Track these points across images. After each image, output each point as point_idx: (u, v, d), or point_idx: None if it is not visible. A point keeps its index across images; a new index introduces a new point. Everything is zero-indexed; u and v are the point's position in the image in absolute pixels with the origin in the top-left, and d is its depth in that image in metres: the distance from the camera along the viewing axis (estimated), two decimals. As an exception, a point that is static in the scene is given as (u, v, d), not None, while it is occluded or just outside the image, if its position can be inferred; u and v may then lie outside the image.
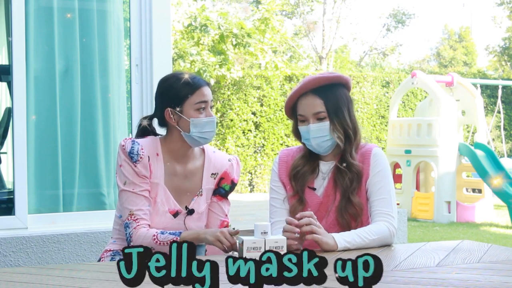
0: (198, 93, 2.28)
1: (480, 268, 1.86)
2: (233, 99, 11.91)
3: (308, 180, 2.34)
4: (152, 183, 2.29)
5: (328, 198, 2.31)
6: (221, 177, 2.41)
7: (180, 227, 2.31)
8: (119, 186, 2.28)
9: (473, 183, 9.91)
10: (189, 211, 2.34)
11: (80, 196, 3.85)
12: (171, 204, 2.31)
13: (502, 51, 24.10)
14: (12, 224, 3.59)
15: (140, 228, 2.21)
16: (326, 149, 2.31)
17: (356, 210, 2.28)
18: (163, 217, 2.29)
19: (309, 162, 2.35)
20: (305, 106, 2.30)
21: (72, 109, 3.84)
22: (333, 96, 2.31)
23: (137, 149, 2.26)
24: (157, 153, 2.31)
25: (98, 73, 3.92)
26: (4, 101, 6.56)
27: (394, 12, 25.11)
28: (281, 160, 2.41)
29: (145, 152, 2.27)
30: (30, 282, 1.66)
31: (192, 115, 2.27)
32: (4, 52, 6.37)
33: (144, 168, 2.26)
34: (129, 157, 2.25)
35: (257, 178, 12.05)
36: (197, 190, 2.37)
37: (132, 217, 2.22)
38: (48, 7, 3.80)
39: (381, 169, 2.30)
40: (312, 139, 2.28)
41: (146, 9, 3.92)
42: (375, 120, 13.28)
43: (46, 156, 3.78)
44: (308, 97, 2.30)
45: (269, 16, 12.05)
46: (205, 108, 2.28)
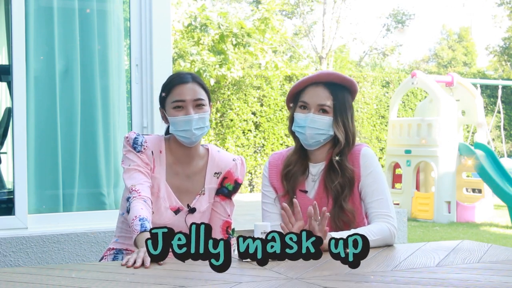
0: (174, 92, 2.27)
1: (480, 268, 1.86)
2: (233, 99, 11.91)
3: (299, 182, 2.33)
4: (155, 177, 2.30)
5: (320, 201, 2.29)
6: (224, 176, 2.40)
7: (181, 224, 2.31)
8: (124, 168, 2.29)
9: (473, 183, 9.92)
10: (191, 210, 2.33)
11: (80, 196, 3.85)
12: (172, 201, 2.31)
13: (502, 51, 24.10)
14: (12, 224, 3.59)
15: (139, 199, 2.17)
16: (314, 143, 2.29)
17: (349, 217, 2.26)
18: (164, 213, 2.29)
19: (300, 161, 2.34)
20: (313, 95, 2.29)
21: (72, 109, 3.83)
22: (342, 96, 2.32)
23: (141, 140, 2.29)
24: (160, 151, 2.32)
25: (98, 73, 3.91)
26: (4, 101, 6.57)
27: (394, 12, 25.10)
28: (271, 164, 2.41)
29: (149, 145, 2.29)
30: (30, 282, 1.66)
31: (171, 114, 2.27)
32: (4, 52, 6.37)
33: (147, 158, 2.28)
34: (132, 147, 2.28)
35: (257, 178, 12.05)
36: (200, 189, 2.37)
37: (134, 188, 2.21)
38: (48, 7, 3.80)
39: (372, 170, 2.29)
40: (308, 127, 2.26)
41: (146, 9, 3.92)
42: (375, 120, 13.27)
43: (46, 156, 3.78)
44: (319, 87, 2.30)
45: (269, 16, 12.05)
46: (184, 107, 2.26)
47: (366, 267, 1.85)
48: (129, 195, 2.21)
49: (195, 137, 2.27)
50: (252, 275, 1.76)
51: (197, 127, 2.26)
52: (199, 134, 2.28)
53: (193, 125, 2.25)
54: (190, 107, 2.26)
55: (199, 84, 2.31)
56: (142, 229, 2.04)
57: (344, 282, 1.66)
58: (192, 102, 2.26)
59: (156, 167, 2.30)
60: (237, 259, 1.95)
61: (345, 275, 1.74)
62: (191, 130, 2.25)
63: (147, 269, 1.81)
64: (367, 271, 1.81)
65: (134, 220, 2.08)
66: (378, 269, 1.84)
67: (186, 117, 2.25)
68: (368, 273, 1.78)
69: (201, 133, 2.29)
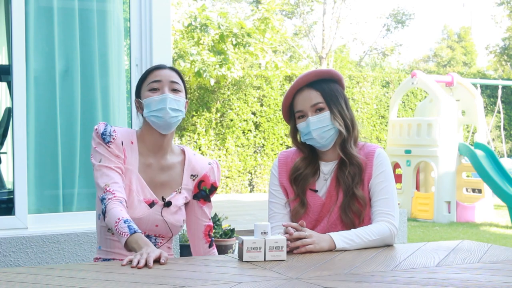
0: (152, 74, 2.27)
1: (480, 268, 1.86)
2: (233, 99, 11.91)
3: (309, 183, 2.34)
4: (127, 168, 2.26)
5: (330, 199, 2.31)
6: (200, 179, 2.39)
7: (157, 218, 2.28)
8: (94, 165, 2.25)
9: (473, 183, 9.92)
10: (166, 203, 2.31)
11: (80, 196, 3.84)
12: (146, 194, 2.28)
13: (502, 51, 24.10)
14: (12, 224, 3.59)
15: (115, 201, 2.14)
16: (328, 140, 2.30)
17: (360, 206, 2.27)
18: (138, 207, 2.26)
19: (310, 165, 2.35)
20: (303, 100, 2.30)
21: (72, 109, 3.83)
22: (329, 88, 2.33)
23: (109, 130, 2.26)
24: (131, 141, 2.29)
25: (98, 73, 3.91)
26: (4, 101, 6.57)
27: (394, 12, 25.11)
28: (280, 163, 2.40)
29: (118, 135, 2.26)
30: (30, 282, 1.66)
31: (146, 96, 2.26)
32: (4, 52, 6.37)
33: (117, 149, 2.24)
34: (101, 139, 2.24)
35: (257, 178, 12.05)
36: (177, 187, 2.35)
37: (108, 188, 2.17)
38: (48, 7, 3.80)
39: (384, 170, 2.31)
40: (313, 131, 2.27)
41: (146, 9, 3.92)
42: (375, 120, 13.27)
43: (46, 156, 3.78)
44: (305, 91, 2.31)
45: (269, 16, 12.05)
46: (159, 88, 2.24)
47: (366, 267, 1.86)
48: (103, 195, 2.17)
49: (169, 117, 2.23)
50: (252, 275, 1.76)
51: (172, 107, 2.23)
52: (174, 116, 2.24)
53: (168, 103, 2.22)
54: (166, 87, 2.24)
55: (176, 72, 2.31)
56: (131, 231, 2.02)
57: (344, 282, 1.66)
58: (168, 83, 2.25)
59: (128, 157, 2.26)
60: (237, 259, 1.95)
61: (345, 275, 1.74)
62: (165, 109, 2.22)
63: (147, 269, 1.81)
64: (367, 271, 1.81)
65: (118, 223, 2.05)
66: (378, 269, 1.84)
67: (162, 95, 2.23)
68: (368, 273, 1.78)
69: (176, 116, 2.25)
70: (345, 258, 1.99)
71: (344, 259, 1.97)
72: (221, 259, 2.04)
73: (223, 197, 10.58)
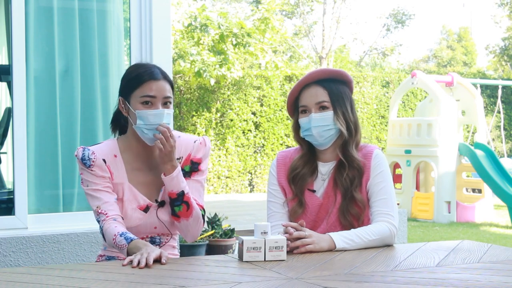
0: (144, 86, 2.22)
1: (480, 268, 1.86)
2: (233, 99, 11.91)
3: (307, 182, 2.34)
4: (116, 184, 2.27)
5: (328, 200, 2.31)
6: (185, 160, 2.34)
7: (153, 221, 2.28)
8: (84, 190, 2.29)
9: (473, 183, 9.92)
10: (160, 203, 2.30)
11: (80, 196, 3.84)
12: (139, 200, 2.28)
13: (502, 51, 24.10)
14: (12, 224, 3.59)
15: (109, 220, 2.19)
16: (326, 140, 2.30)
17: (359, 209, 2.27)
18: (133, 215, 2.27)
19: (308, 164, 2.35)
20: (309, 96, 2.30)
21: (72, 109, 3.83)
22: (337, 88, 2.33)
23: (87, 154, 2.26)
24: (114, 155, 2.28)
25: (98, 73, 3.91)
26: (4, 101, 6.57)
27: (394, 12, 25.11)
28: (279, 162, 2.40)
29: (97, 155, 2.26)
30: (30, 282, 1.66)
31: (138, 108, 2.22)
32: (4, 52, 6.37)
33: (100, 170, 2.24)
34: (82, 164, 2.26)
35: (257, 178, 12.05)
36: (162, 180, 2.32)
37: (100, 210, 2.21)
38: (48, 7, 3.80)
39: (382, 170, 2.31)
40: (313, 128, 2.27)
41: (146, 9, 3.92)
42: (375, 120, 13.27)
43: (46, 156, 3.78)
44: (312, 87, 2.31)
45: (269, 16, 12.04)
46: (152, 103, 2.21)
47: (366, 267, 1.86)
48: (97, 218, 2.23)
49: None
50: (252, 275, 1.76)
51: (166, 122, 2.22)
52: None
53: (164, 119, 2.21)
54: (159, 103, 2.22)
55: (169, 82, 2.28)
56: (128, 241, 2.06)
57: (344, 282, 1.66)
58: (162, 99, 2.23)
59: (114, 173, 2.27)
60: (237, 259, 1.95)
61: (345, 275, 1.74)
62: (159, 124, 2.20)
63: (147, 269, 1.81)
64: (367, 271, 1.81)
65: (116, 238, 2.10)
66: (378, 269, 1.84)
67: (157, 111, 2.20)
68: (368, 273, 1.78)
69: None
70: (345, 258, 1.99)
71: (344, 259, 1.97)
72: (221, 259, 2.04)
73: (223, 197, 10.58)
